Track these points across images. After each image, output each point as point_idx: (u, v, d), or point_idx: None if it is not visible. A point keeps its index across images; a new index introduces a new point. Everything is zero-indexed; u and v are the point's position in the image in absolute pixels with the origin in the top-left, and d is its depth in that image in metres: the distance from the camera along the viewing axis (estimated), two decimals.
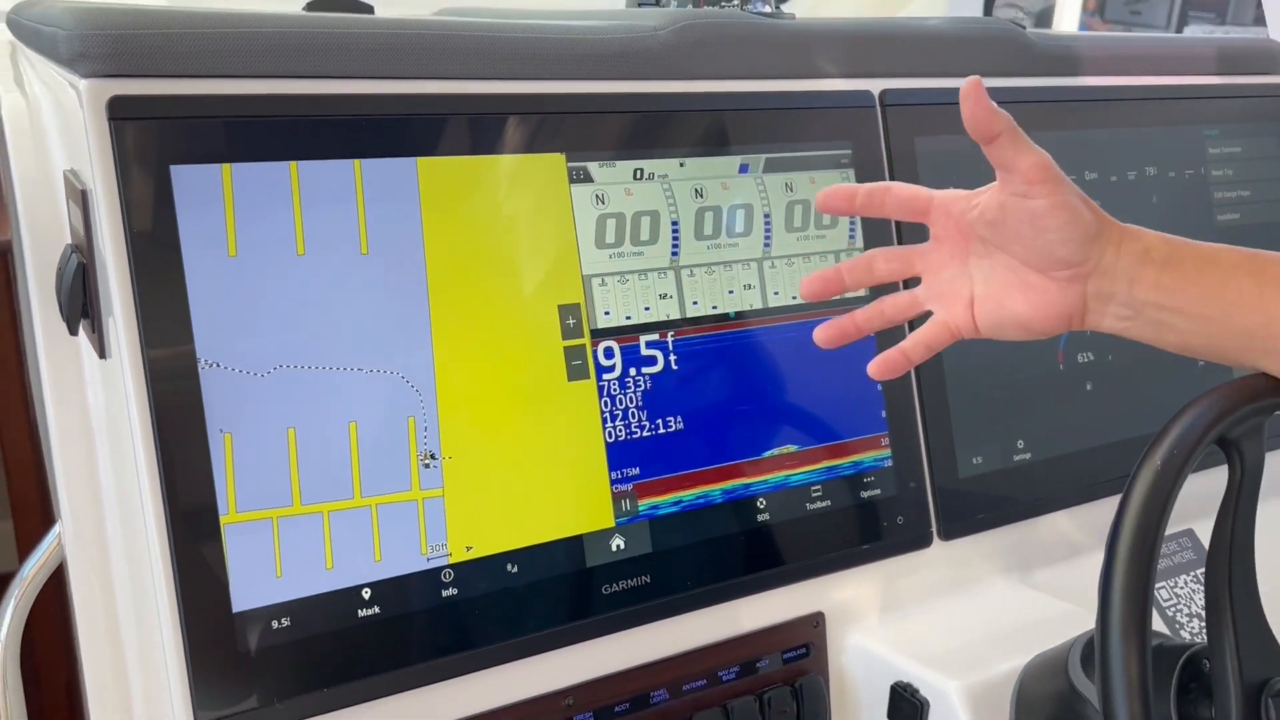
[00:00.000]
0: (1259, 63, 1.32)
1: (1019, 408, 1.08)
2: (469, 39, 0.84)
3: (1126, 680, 0.65)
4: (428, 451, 0.80)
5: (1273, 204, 1.30)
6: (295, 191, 0.76)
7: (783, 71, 0.98)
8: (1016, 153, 0.74)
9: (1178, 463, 0.69)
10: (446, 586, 0.80)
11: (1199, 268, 0.74)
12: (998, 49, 1.10)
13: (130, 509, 0.81)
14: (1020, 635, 0.95)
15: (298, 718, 0.75)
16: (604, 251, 0.88)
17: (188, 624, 0.72)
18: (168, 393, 0.72)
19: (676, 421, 0.90)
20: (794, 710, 0.94)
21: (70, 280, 0.79)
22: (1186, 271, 0.74)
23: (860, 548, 0.98)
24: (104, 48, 0.71)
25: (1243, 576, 0.76)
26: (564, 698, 0.85)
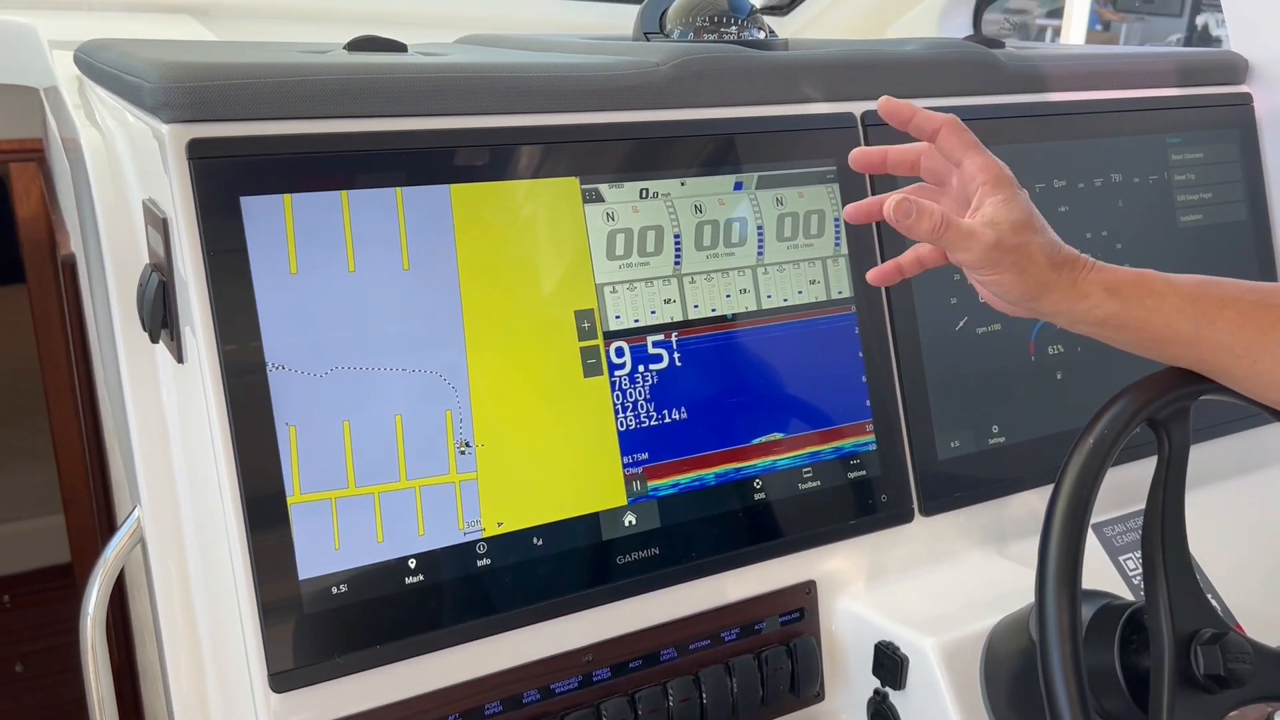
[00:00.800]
0: (1220, 74, 1.42)
1: (993, 395, 1.19)
2: (492, 79, 0.95)
3: (1059, 625, 0.76)
4: (463, 440, 0.91)
5: (1234, 204, 1.40)
6: (346, 217, 0.88)
7: (772, 98, 1.09)
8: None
9: (1108, 441, 0.80)
10: (481, 557, 0.92)
11: (1142, 317, 0.84)
12: (969, 70, 1.20)
13: (204, 494, 0.92)
14: (992, 601, 1.05)
15: (354, 670, 0.87)
16: (614, 262, 1.00)
17: (261, 590, 0.84)
18: (241, 391, 0.84)
19: (681, 412, 1.01)
20: (789, 667, 1.04)
21: (152, 296, 0.91)
22: (1129, 318, 0.84)
23: (848, 523, 1.09)
24: (184, 98, 0.83)
25: (1174, 541, 0.86)
26: (584, 655, 0.96)
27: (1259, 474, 1.35)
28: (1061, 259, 0.84)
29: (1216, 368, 0.84)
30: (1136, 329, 0.85)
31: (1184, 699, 0.84)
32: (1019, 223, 0.83)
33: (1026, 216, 0.84)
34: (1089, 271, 0.85)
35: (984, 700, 0.98)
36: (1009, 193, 0.84)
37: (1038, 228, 0.84)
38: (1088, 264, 0.85)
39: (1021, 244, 0.83)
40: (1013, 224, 0.83)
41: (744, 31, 1.23)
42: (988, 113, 1.20)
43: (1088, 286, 0.84)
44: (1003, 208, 0.84)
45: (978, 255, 0.83)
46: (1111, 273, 0.85)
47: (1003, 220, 0.83)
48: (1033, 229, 0.84)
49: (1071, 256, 0.85)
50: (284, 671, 0.84)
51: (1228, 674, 0.84)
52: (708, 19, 1.23)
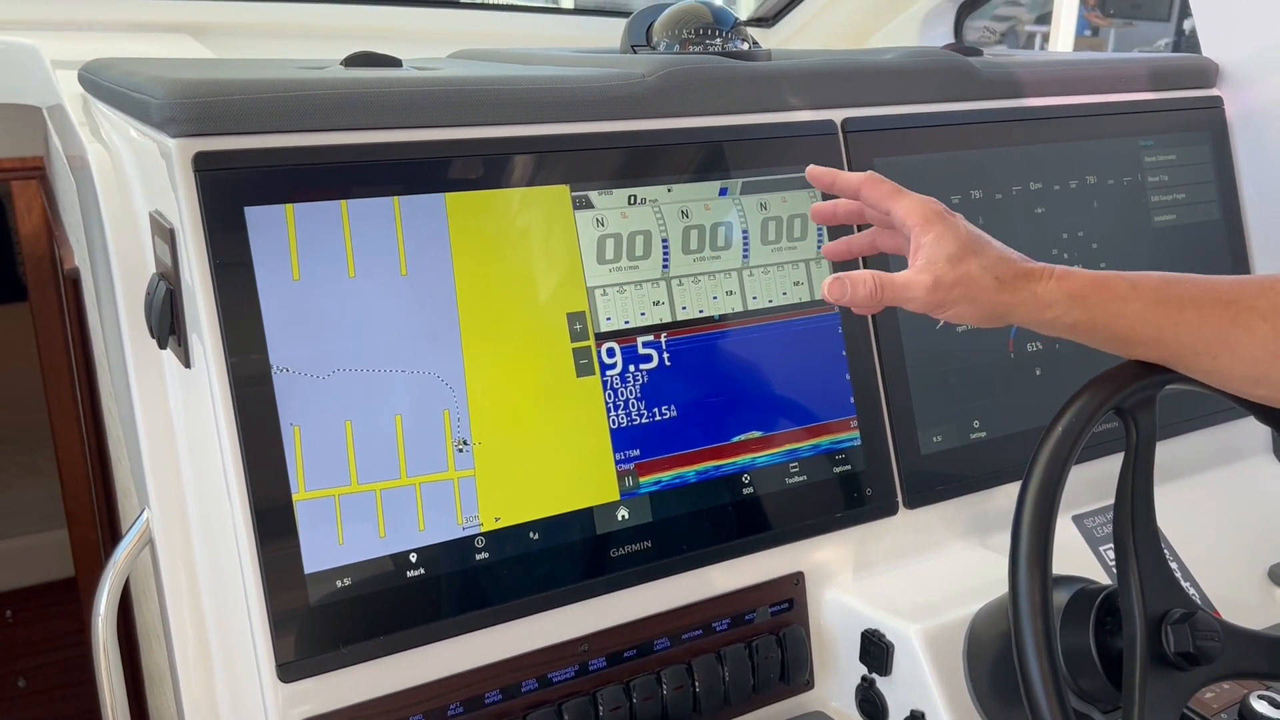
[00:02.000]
0: (1192, 78, 1.46)
1: (974, 391, 1.22)
2: (485, 91, 0.99)
3: (1031, 603, 0.79)
4: (461, 438, 0.95)
5: (1207, 204, 1.44)
6: (346, 225, 0.91)
7: (755, 107, 1.12)
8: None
9: (1076, 429, 0.84)
10: (479, 551, 0.95)
11: (1107, 322, 0.86)
12: (946, 77, 1.24)
13: (211, 494, 0.95)
14: (974, 590, 1.08)
15: (358, 660, 0.90)
16: (604, 266, 1.03)
17: (268, 584, 0.87)
18: (247, 393, 0.87)
19: (670, 410, 1.05)
20: (779, 656, 1.08)
21: (160, 304, 0.94)
22: (1095, 324, 0.86)
23: (834, 516, 1.12)
24: (189, 113, 0.87)
25: (1144, 524, 0.90)
26: (580, 644, 1.00)
27: (1232, 467, 1.39)
28: (1015, 274, 0.85)
29: (1180, 364, 0.87)
30: (1103, 332, 0.87)
31: (1156, 677, 0.87)
32: (954, 255, 0.84)
33: (960, 247, 0.85)
34: (1050, 281, 0.86)
35: (967, 684, 1.01)
36: (939, 228, 0.86)
37: (978, 250, 0.85)
38: (1048, 273, 0.86)
39: (962, 275, 0.84)
40: (948, 257, 0.84)
41: (728, 43, 1.27)
42: (964, 118, 1.24)
43: (1050, 296, 0.85)
44: (935, 245, 0.85)
45: (922, 301, 0.85)
46: (1074, 280, 0.86)
47: (938, 257, 0.85)
48: (972, 254, 0.85)
49: (1026, 271, 0.86)
50: (291, 662, 0.88)
51: (1197, 651, 0.87)
52: (693, 31, 1.27)
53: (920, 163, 1.21)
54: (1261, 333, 0.82)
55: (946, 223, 0.86)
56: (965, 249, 0.85)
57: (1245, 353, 0.83)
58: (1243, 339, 0.83)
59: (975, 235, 0.87)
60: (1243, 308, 0.83)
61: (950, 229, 0.86)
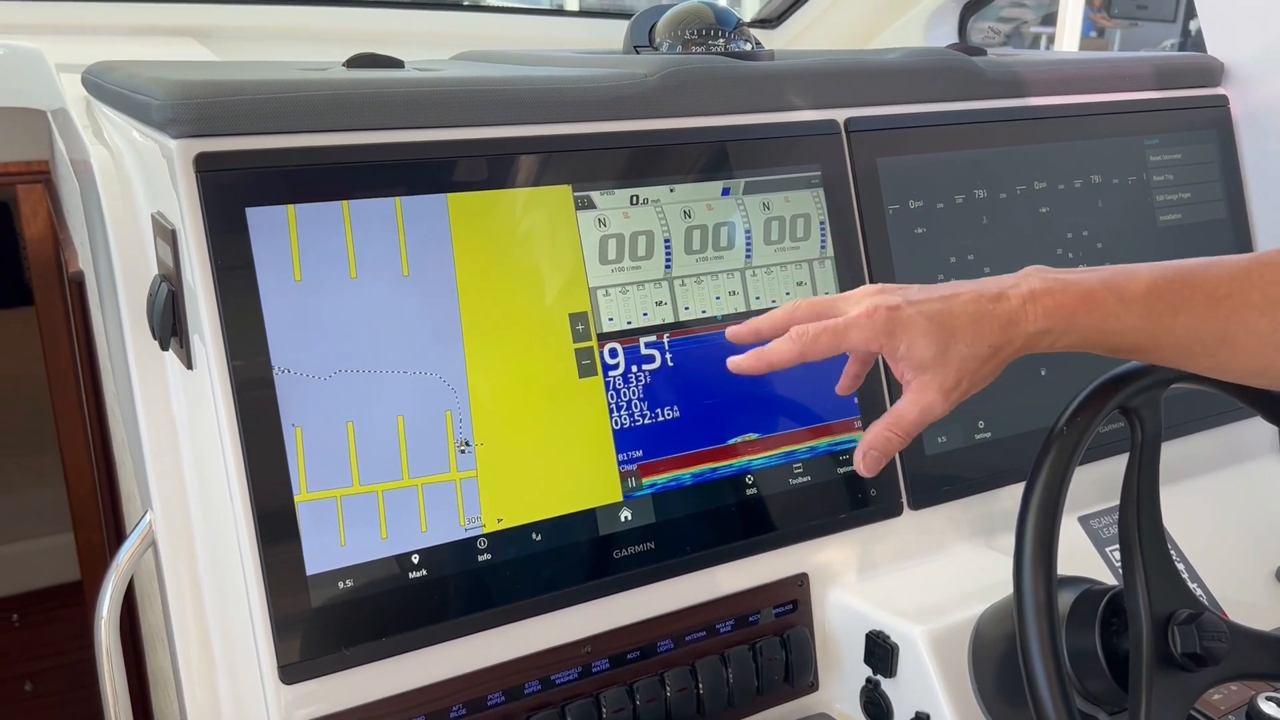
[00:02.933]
0: (1196, 77, 1.46)
1: (979, 393, 1.22)
2: (487, 92, 0.99)
3: (1035, 602, 0.79)
4: (463, 439, 0.94)
5: (1212, 203, 1.44)
6: (347, 225, 0.91)
7: (757, 106, 1.12)
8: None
9: (1080, 428, 0.84)
10: (481, 553, 0.95)
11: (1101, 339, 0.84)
12: (949, 77, 1.24)
13: (213, 495, 0.95)
14: (979, 591, 1.08)
15: (361, 662, 0.90)
16: (607, 267, 1.03)
17: (270, 585, 0.87)
18: (249, 394, 0.87)
19: (673, 410, 1.05)
20: (783, 658, 1.08)
21: (162, 305, 0.94)
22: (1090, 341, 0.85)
23: (839, 517, 1.12)
24: (191, 114, 0.87)
25: (1150, 524, 0.89)
26: (583, 646, 0.99)
27: (1238, 467, 1.38)
28: (998, 328, 0.83)
29: (1182, 364, 0.87)
30: (1099, 347, 0.86)
31: (1162, 678, 0.87)
32: (936, 354, 0.82)
33: (934, 342, 0.82)
34: (1036, 311, 0.83)
35: (972, 685, 1.01)
36: (904, 336, 0.83)
37: (951, 332, 0.82)
38: (1033, 301, 0.83)
39: (957, 368, 0.83)
40: (934, 360, 0.83)
41: (731, 43, 1.26)
42: (968, 118, 1.24)
43: (1036, 325, 0.83)
44: (911, 354, 0.83)
45: (946, 411, 0.84)
46: (1061, 298, 0.83)
47: (924, 365, 0.83)
48: (949, 339, 0.82)
49: (1005, 319, 0.83)
50: (293, 664, 0.88)
51: (1204, 652, 0.86)
52: (695, 32, 1.26)
53: (924, 162, 1.21)
54: (1260, 326, 0.82)
55: (911, 324, 0.82)
56: (940, 340, 0.83)
57: (1245, 347, 0.83)
58: (1240, 334, 0.82)
59: (937, 315, 0.83)
60: (1237, 303, 0.82)
61: (913, 329, 0.82)
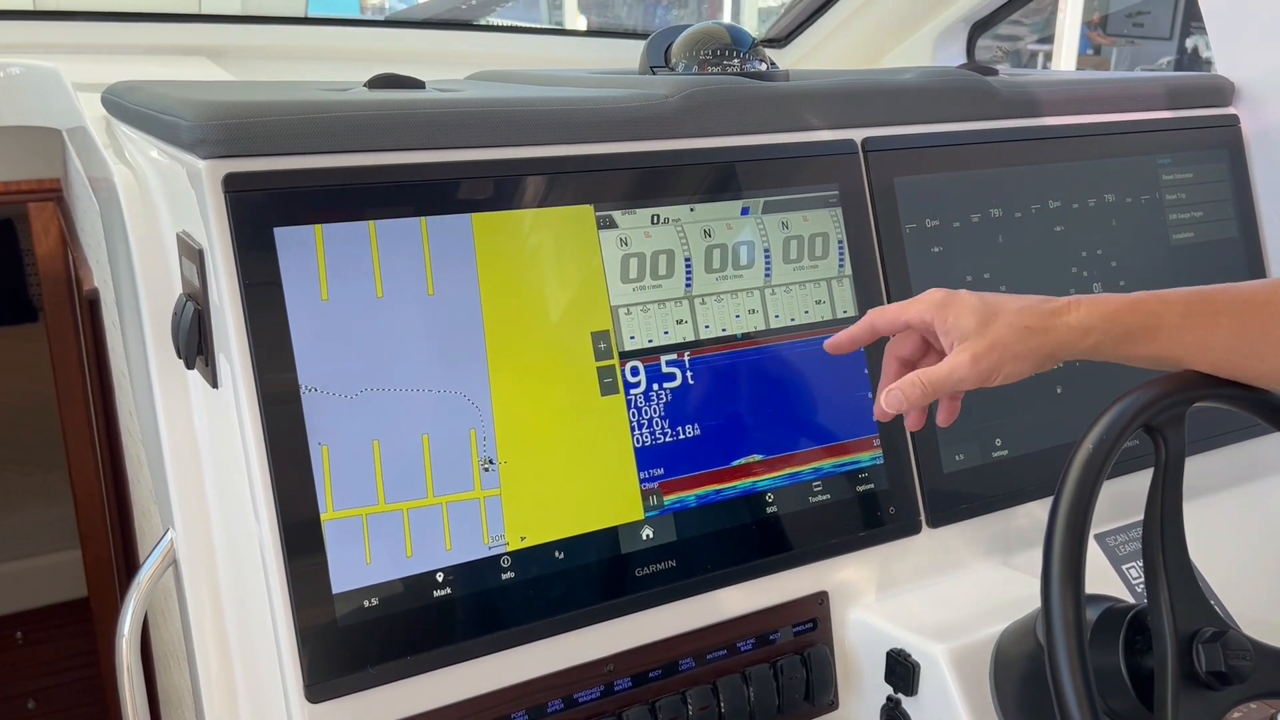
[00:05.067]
0: (1208, 96, 1.47)
1: (996, 409, 1.22)
2: (511, 113, 0.99)
3: (1064, 621, 0.79)
4: (487, 458, 0.95)
5: (1225, 222, 1.44)
6: (374, 245, 0.92)
7: (776, 126, 1.13)
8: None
9: (1106, 446, 0.84)
10: (505, 571, 0.95)
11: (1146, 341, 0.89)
12: (964, 97, 1.25)
13: (237, 514, 0.95)
14: (999, 608, 1.08)
15: (385, 680, 0.90)
16: (628, 285, 1.04)
17: (297, 604, 0.87)
18: (276, 413, 0.87)
19: (694, 428, 1.05)
20: (803, 676, 1.08)
21: (187, 324, 0.95)
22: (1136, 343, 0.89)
23: (858, 535, 1.12)
24: (220, 134, 0.87)
25: (1174, 543, 0.89)
26: (605, 665, 0.99)
27: (1256, 484, 1.39)
28: (1043, 315, 0.89)
29: (1230, 370, 0.89)
30: (1144, 349, 0.89)
31: (1187, 696, 0.87)
32: (978, 324, 0.88)
33: (978, 316, 0.89)
34: (1080, 310, 0.89)
35: (994, 704, 1.01)
36: (953, 310, 0.90)
37: (997, 311, 0.89)
38: (1075, 304, 0.89)
39: (994, 340, 0.88)
40: (975, 329, 0.89)
41: (746, 63, 1.27)
42: (983, 137, 1.25)
43: (1086, 323, 0.88)
44: (956, 325, 0.90)
45: (971, 377, 0.89)
46: (1105, 304, 0.89)
47: (965, 333, 0.89)
48: (993, 316, 0.89)
49: (1053, 309, 0.89)
50: (319, 683, 0.88)
51: (1229, 671, 0.86)
52: (711, 52, 1.27)
53: (940, 181, 1.21)
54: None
55: (957, 301, 0.91)
56: (984, 316, 0.89)
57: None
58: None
59: (989, 299, 0.91)
60: (1276, 309, 0.84)
61: (962, 305, 0.90)
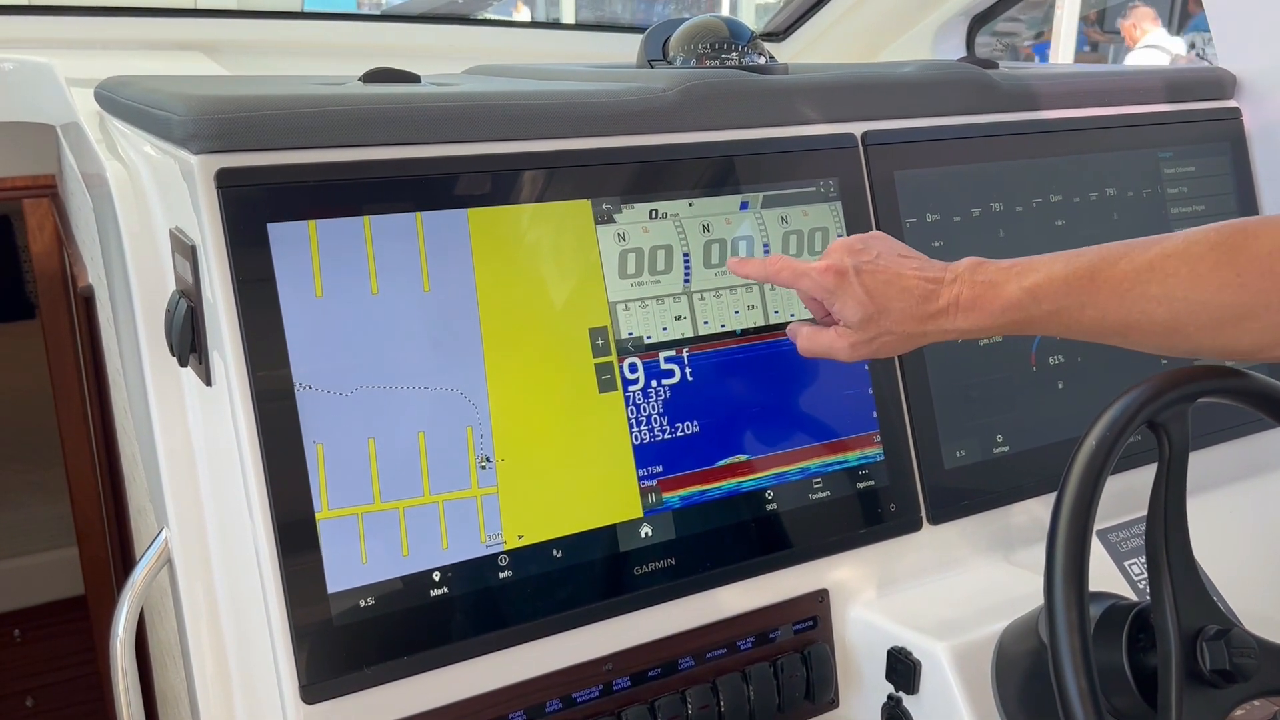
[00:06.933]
0: (1209, 89, 1.46)
1: (997, 406, 1.22)
2: (508, 106, 0.98)
3: (1068, 620, 0.78)
4: (483, 455, 0.94)
5: (1226, 216, 1.43)
6: (369, 241, 0.91)
7: (775, 120, 1.12)
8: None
9: (1109, 442, 0.83)
10: (502, 570, 0.94)
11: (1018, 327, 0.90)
12: (965, 90, 1.24)
13: (231, 512, 0.94)
14: (1000, 606, 1.08)
15: (382, 681, 0.89)
16: (626, 281, 1.03)
17: (292, 604, 0.86)
18: (271, 411, 0.86)
19: (693, 425, 1.04)
20: (804, 674, 1.07)
21: (181, 321, 0.93)
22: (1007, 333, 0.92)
23: (858, 532, 1.11)
24: (212, 129, 0.86)
25: (1177, 539, 0.89)
26: (604, 664, 0.98)
27: (1259, 479, 1.38)
28: (921, 319, 0.92)
29: (1096, 342, 0.89)
30: (1016, 334, 0.92)
31: (1191, 694, 0.86)
32: (862, 320, 0.93)
33: (864, 312, 0.93)
34: (958, 318, 0.91)
35: (996, 702, 1.00)
36: (843, 298, 0.93)
37: (882, 309, 0.92)
38: (955, 308, 0.90)
39: (872, 336, 0.94)
40: (858, 323, 0.94)
41: (745, 57, 1.26)
42: (984, 131, 1.24)
43: (964, 327, 0.91)
44: (843, 312, 0.94)
45: (846, 359, 0.96)
46: (985, 306, 0.89)
47: (850, 322, 0.94)
48: (877, 315, 0.92)
49: (938, 310, 0.91)
50: (314, 683, 0.87)
51: (1234, 669, 0.86)
52: (709, 46, 1.26)
53: (940, 175, 1.20)
54: (1159, 316, 0.84)
55: (845, 290, 0.94)
56: (868, 313, 0.93)
57: (1148, 333, 0.85)
58: (1142, 323, 0.84)
59: (875, 292, 0.93)
60: (1138, 296, 0.85)
61: (849, 296, 0.93)
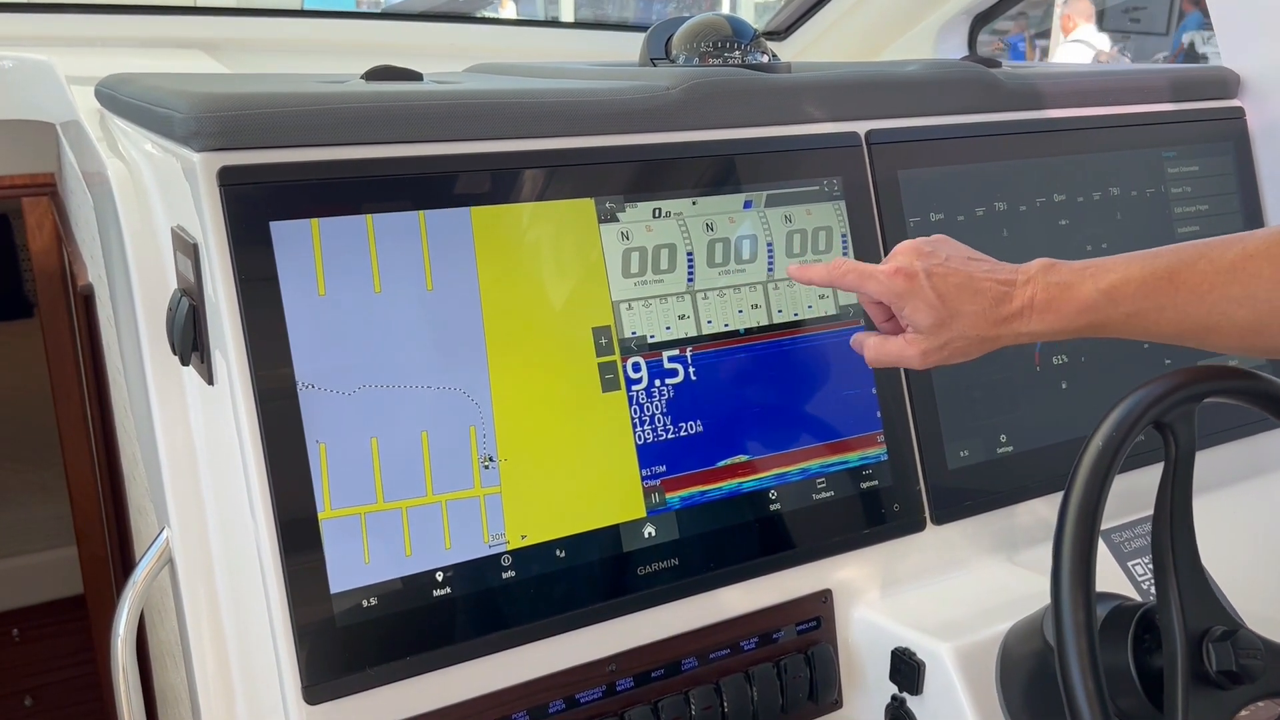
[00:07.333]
0: (1213, 89, 1.45)
1: (1001, 406, 1.21)
2: (512, 105, 0.98)
3: (1075, 621, 0.78)
4: (487, 455, 0.93)
5: (1230, 215, 1.43)
6: (371, 240, 0.90)
7: (779, 119, 1.12)
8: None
9: (1115, 443, 0.83)
10: (505, 570, 0.94)
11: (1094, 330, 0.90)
12: (969, 89, 1.24)
13: (233, 512, 0.94)
14: (1004, 606, 1.07)
15: (385, 681, 0.89)
16: (630, 280, 1.02)
17: (294, 604, 0.86)
18: (273, 410, 0.86)
19: (696, 425, 1.04)
20: (807, 675, 1.06)
21: (182, 320, 0.93)
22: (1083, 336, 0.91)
23: (862, 532, 1.11)
24: (215, 127, 0.86)
25: (1183, 540, 0.88)
26: (607, 664, 0.98)
27: (1263, 479, 1.37)
28: (994, 323, 0.90)
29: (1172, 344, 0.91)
30: (1091, 336, 0.91)
31: (1198, 696, 0.86)
32: (933, 325, 0.91)
33: (936, 317, 0.91)
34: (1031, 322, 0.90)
35: (1000, 703, 1.00)
36: (913, 302, 0.91)
37: (954, 314, 0.90)
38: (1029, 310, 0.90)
39: (944, 342, 0.92)
40: (929, 328, 0.91)
41: (748, 56, 1.26)
42: (988, 130, 1.23)
43: (1037, 331, 0.90)
44: (913, 318, 0.92)
45: (918, 368, 0.94)
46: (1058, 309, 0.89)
47: (920, 328, 0.92)
48: (950, 320, 0.91)
49: (1011, 313, 0.90)
50: (317, 684, 0.86)
51: (1240, 670, 0.85)
52: (712, 44, 1.26)
53: (944, 175, 1.20)
54: (1240, 318, 0.85)
55: (916, 294, 0.91)
56: (940, 318, 0.91)
57: (1228, 335, 0.86)
58: (1223, 324, 0.85)
59: (948, 297, 0.91)
60: (1218, 298, 0.85)
61: (920, 299, 0.91)
